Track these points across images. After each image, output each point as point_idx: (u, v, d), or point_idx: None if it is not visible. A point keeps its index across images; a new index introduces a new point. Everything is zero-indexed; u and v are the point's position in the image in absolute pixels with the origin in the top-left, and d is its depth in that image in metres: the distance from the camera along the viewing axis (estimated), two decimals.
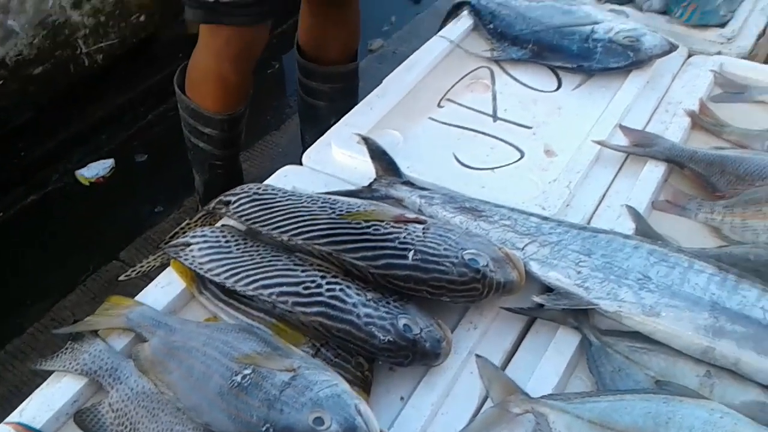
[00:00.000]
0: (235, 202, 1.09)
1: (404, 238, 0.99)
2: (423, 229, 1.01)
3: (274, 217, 1.03)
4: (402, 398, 0.94)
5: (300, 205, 1.05)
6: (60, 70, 2.36)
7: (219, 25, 1.58)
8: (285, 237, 1.01)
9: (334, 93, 1.94)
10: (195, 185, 1.95)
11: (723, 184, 1.18)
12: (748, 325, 0.90)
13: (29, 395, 0.94)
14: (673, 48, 1.44)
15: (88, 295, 1.97)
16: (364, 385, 0.91)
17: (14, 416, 0.92)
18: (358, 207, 1.05)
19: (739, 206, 1.13)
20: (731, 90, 1.42)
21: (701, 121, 1.34)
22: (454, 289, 0.96)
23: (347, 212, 1.03)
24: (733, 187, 1.16)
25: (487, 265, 0.97)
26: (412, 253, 0.97)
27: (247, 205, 1.07)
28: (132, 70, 2.55)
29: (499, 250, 1.01)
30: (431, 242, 0.99)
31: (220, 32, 1.60)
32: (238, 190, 1.12)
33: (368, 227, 1.00)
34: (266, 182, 1.23)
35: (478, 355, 0.98)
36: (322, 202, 1.06)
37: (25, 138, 2.35)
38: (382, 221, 1.01)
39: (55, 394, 0.94)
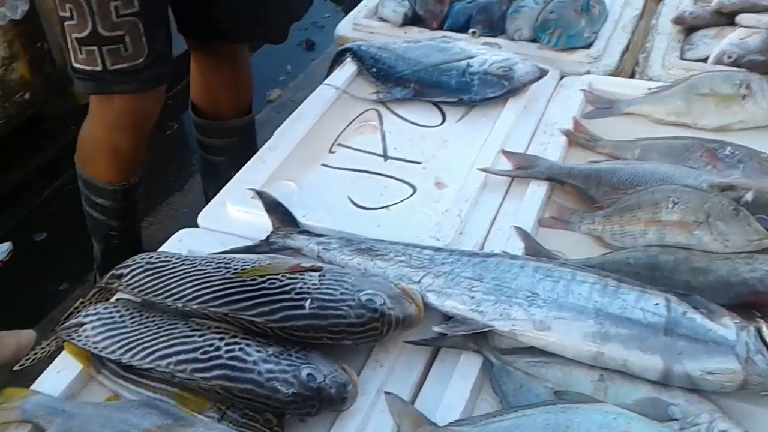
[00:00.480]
0: (127, 274, 1.08)
1: (300, 287, 1.00)
2: (319, 276, 1.03)
3: (168, 284, 1.02)
4: None
5: (194, 269, 1.05)
6: None
7: (110, 96, 1.56)
8: (180, 304, 1.00)
9: (232, 147, 1.95)
10: (93, 254, 1.91)
11: (600, 196, 1.25)
12: (631, 326, 0.95)
13: None
14: (543, 73, 1.53)
15: None
16: None
17: None
18: (254, 263, 1.06)
19: (616, 214, 1.20)
20: (601, 106, 1.52)
21: (576, 138, 1.42)
22: (354, 331, 0.98)
23: (242, 269, 1.03)
24: (609, 197, 1.23)
25: (384, 303, 0.99)
26: (308, 302, 0.98)
27: (140, 276, 1.06)
28: (22, 148, 2.49)
29: (395, 287, 1.04)
30: (327, 288, 1.00)
31: (110, 103, 1.58)
32: (130, 261, 1.10)
33: (264, 282, 1.00)
34: (161, 249, 1.22)
35: (386, 392, 0.99)
36: (217, 263, 1.06)
37: None
38: (278, 274, 1.02)
39: None
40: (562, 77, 1.63)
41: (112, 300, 1.11)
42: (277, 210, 1.26)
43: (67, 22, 1.44)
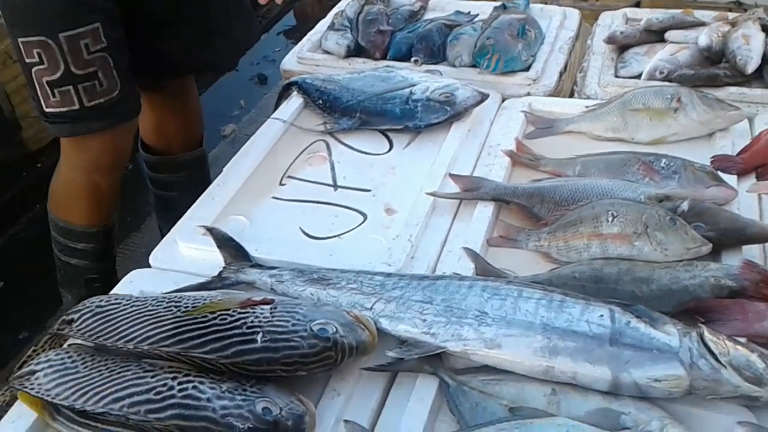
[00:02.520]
0: (77, 319, 1.07)
1: (252, 321, 1.00)
2: (271, 308, 1.03)
3: (118, 327, 1.02)
4: None
5: (144, 309, 1.04)
6: None
7: (86, 137, 1.54)
8: (131, 345, 0.99)
9: (185, 181, 1.95)
10: (64, 308, 1.85)
11: (544, 212, 1.29)
12: (577, 339, 0.98)
13: None
14: (484, 97, 1.57)
15: None
16: None
17: None
18: (204, 299, 1.06)
19: (560, 230, 1.23)
20: (541, 126, 1.56)
21: (519, 158, 1.46)
22: (307, 362, 0.98)
23: (193, 307, 1.03)
24: (552, 214, 1.27)
25: (336, 332, 1.00)
26: (260, 335, 0.98)
27: (90, 320, 1.05)
28: None
29: (347, 314, 1.05)
30: (279, 320, 1.01)
31: (88, 144, 1.56)
32: (80, 305, 1.09)
33: (214, 318, 1.01)
34: (113, 291, 1.22)
35: (346, 421, 1.00)
36: (168, 302, 1.06)
37: None
38: (229, 309, 1.02)
39: None
40: (503, 100, 1.68)
41: (65, 346, 1.09)
42: (228, 245, 1.27)
43: (36, 67, 1.43)
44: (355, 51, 1.88)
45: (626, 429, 0.94)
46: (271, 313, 1.02)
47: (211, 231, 1.29)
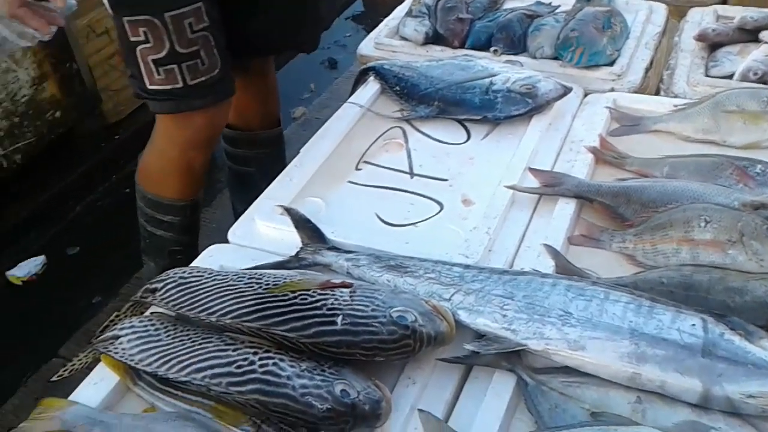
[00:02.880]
0: (161, 288, 1.09)
1: (332, 304, 1.00)
2: (350, 292, 1.03)
3: (201, 299, 1.03)
4: None
5: (226, 284, 1.05)
6: None
7: (188, 114, 1.56)
8: (213, 318, 1.01)
9: (263, 158, 1.98)
10: (144, 275, 1.88)
11: (630, 213, 1.25)
12: (667, 347, 0.94)
13: None
14: (567, 90, 1.53)
15: (31, 396, 1.92)
16: None
17: None
18: (285, 278, 1.06)
19: (648, 233, 1.19)
20: (627, 123, 1.51)
21: (603, 155, 1.42)
22: (386, 348, 0.98)
23: (273, 285, 1.04)
24: (639, 215, 1.23)
25: (415, 320, 0.99)
26: (340, 318, 0.98)
27: (173, 291, 1.07)
28: (54, 165, 2.56)
29: (426, 304, 1.04)
30: (359, 305, 1.00)
31: (189, 121, 1.58)
32: (163, 275, 1.12)
33: (295, 297, 1.01)
34: (193, 264, 1.23)
35: (420, 410, 0.99)
36: (249, 278, 1.06)
37: None
38: (309, 290, 1.02)
39: None
40: (585, 95, 1.63)
41: (147, 313, 1.12)
42: (305, 226, 1.27)
43: (142, 45, 1.45)
44: (433, 38, 1.85)
45: None
46: (350, 296, 1.02)
47: (289, 211, 1.30)
